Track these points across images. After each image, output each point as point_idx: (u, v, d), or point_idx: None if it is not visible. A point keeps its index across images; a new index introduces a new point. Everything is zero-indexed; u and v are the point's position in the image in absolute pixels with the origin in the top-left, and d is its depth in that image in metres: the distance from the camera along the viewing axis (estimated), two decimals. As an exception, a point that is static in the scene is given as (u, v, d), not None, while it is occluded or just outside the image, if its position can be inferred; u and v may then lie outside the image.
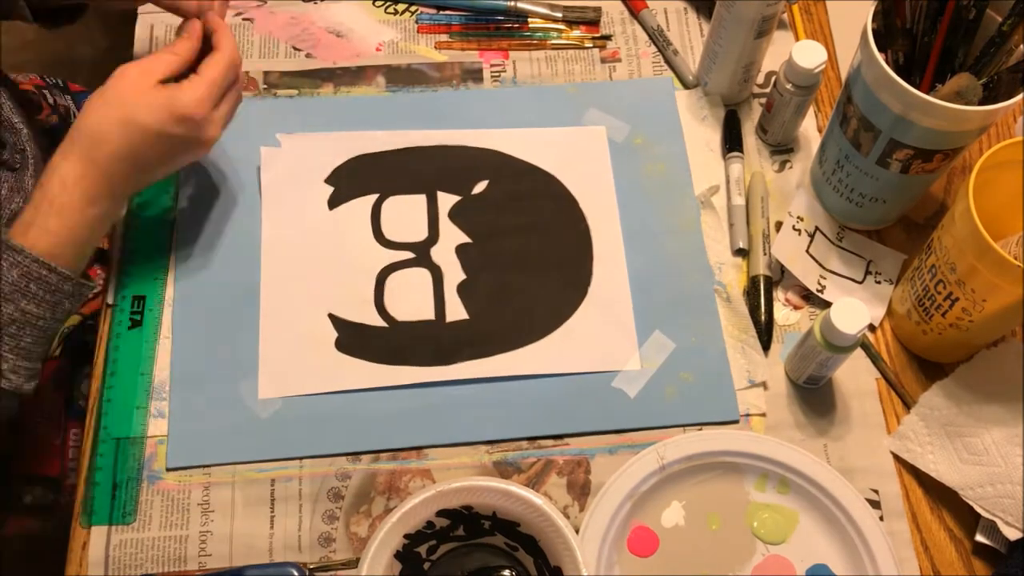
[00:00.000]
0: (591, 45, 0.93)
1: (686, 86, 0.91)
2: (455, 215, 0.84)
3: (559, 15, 0.93)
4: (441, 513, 0.68)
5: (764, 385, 0.78)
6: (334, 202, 0.84)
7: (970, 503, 0.72)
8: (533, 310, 0.80)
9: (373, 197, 0.84)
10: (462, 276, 0.81)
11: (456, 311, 0.80)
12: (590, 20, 0.93)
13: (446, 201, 0.84)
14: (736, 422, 0.76)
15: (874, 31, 0.69)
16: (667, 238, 0.83)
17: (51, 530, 0.84)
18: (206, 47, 0.72)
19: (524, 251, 0.83)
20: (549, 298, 0.81)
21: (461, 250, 0.82)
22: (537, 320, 0.80)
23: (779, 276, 0.82)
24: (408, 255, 0.82)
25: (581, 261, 0.82)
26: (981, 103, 0.69)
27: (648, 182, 0.86)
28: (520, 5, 0.93)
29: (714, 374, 0.78)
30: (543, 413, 0.76)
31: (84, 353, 0.85)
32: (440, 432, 0.75)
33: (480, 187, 0.85)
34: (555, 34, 0.93)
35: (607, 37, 0.93)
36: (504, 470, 0.75)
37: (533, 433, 0.76)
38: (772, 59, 0.88)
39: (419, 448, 0.75)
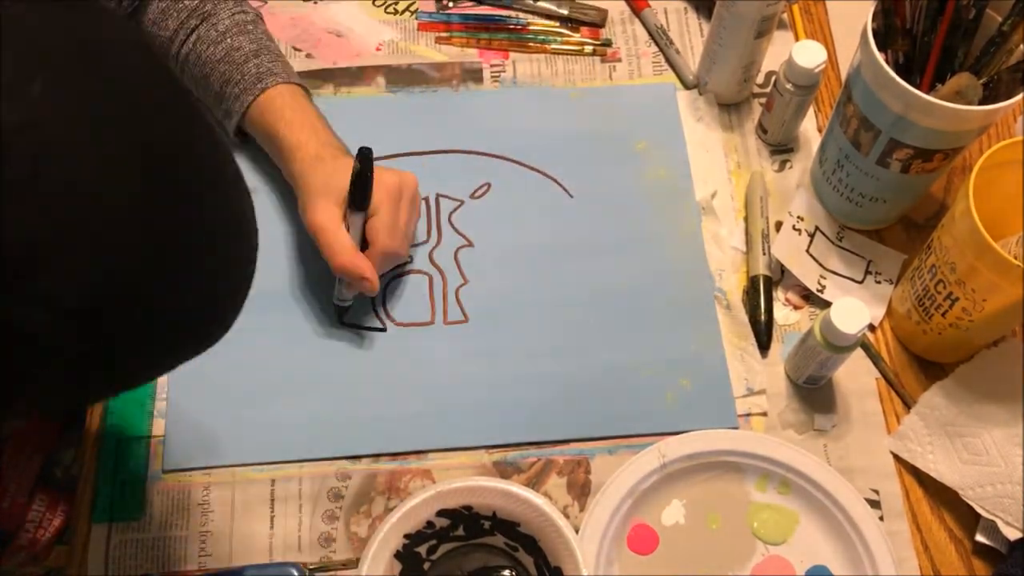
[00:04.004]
0: (592, 51, 0.92)
1: (686, 86, 0.91)
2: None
3: (564, 12, 0.93)
4: (441, 513, 0.68)
5: (762, 393, 0.78)
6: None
7: (970, 503, 0.72)
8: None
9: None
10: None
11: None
12: (594, 22, 0.93)
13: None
14: (735, 430, 0.76)
15: (874, 31, 0.69)
16: (668, 244, 0.83)
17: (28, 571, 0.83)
18: None
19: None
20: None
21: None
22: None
23: (779, 276, 0.82)
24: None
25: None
26: (981, 103, 0.69)
27: (649, 188, 0.86)
28: (525, 2, 0.93)
29: (713, 381, 0.78)
30: (542, 418, 0.76)
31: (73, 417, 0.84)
32: (440, 436, 0.75)
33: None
34: (556, 39, 0.93)
35: (607, 44, 0.93)
36: (504, 470, 0.75)
37: (531, 439, 0.76)
38: (772, 59, 0.88)
39: (419, 451, 0.75)
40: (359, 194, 0.71)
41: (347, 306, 0.77)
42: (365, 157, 0.71)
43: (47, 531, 0.80)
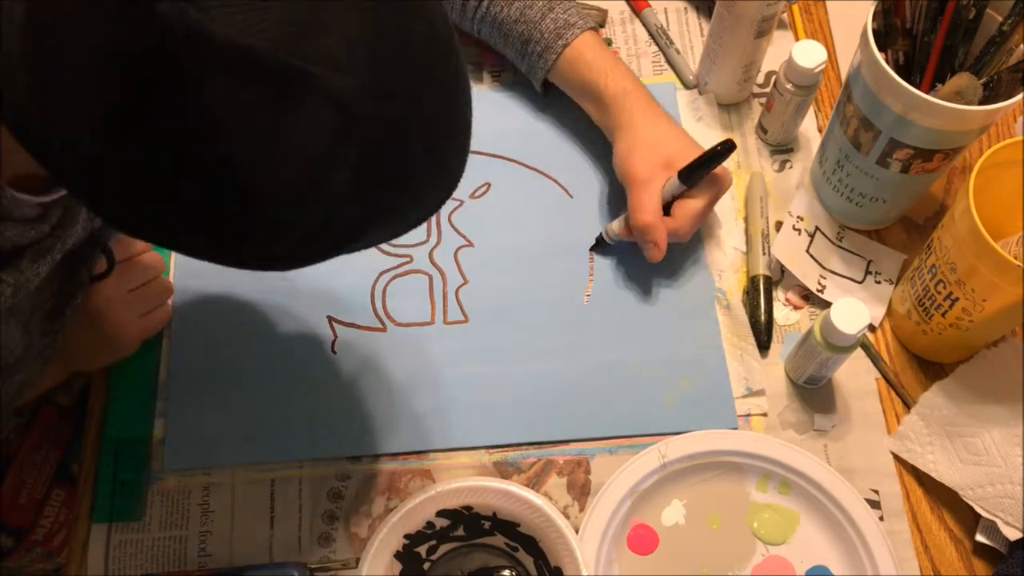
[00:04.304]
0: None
1: (686, 86, 0.91)
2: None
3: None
4: (441, 513, 0.68)
5: (762, 393, 0.78)
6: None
7: (970, 503, 0.72)
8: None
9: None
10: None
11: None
12: (595, 23, 0.93)
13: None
14: (735, 430, 0.76)
15: (874, 31, 0.69)
16: (667, 244, 0.83)
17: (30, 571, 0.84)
18: None
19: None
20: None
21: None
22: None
23: (779, 276, 0.82)
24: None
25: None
26: (981, 103, 0.69)
27: None
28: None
29: (713, 382, 0.78)
30: (542, 418, 0.76)
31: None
32: (440, 436, 0.75)
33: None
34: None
35: (607, 43, 0.92)
36: (504, 470, 0.75)
37: (531, 439, 0.76)
38: (772, 59, 0.88)
39: (419, 451, 0.75)
40: (696, 174, 0.75)
41: (608, 244, 0.82)
42: (728, 149, 0.74)
43: (63, 527, 0.80)
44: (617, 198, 0.85)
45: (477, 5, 0.82)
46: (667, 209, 0.77)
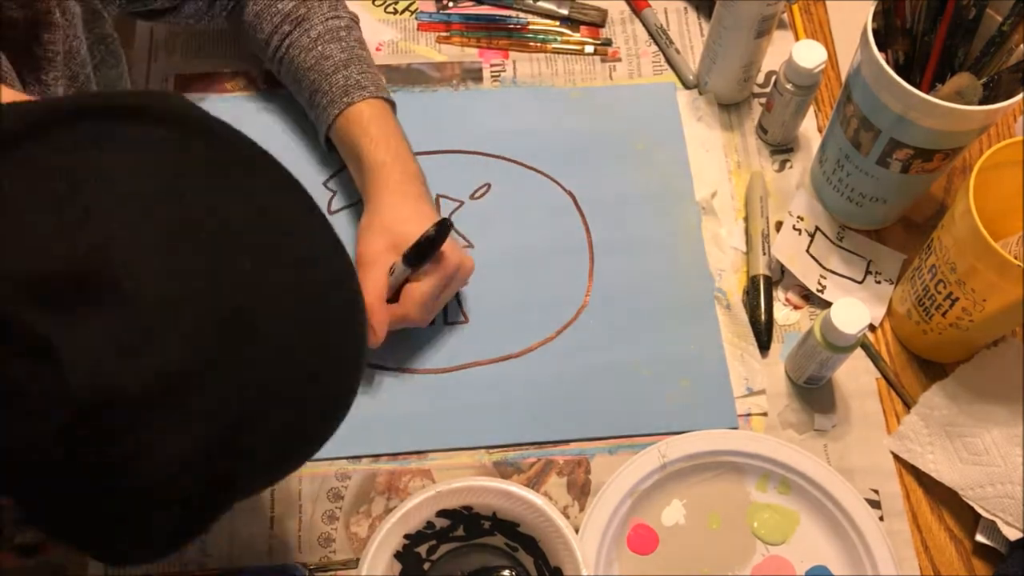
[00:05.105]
0: (592, 51, 0.92)
1: (686, 86, 0.91)
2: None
3: (564, 12, 0.93)
4: (441, 513, 0.68)
5: (762, 393, 0.78)
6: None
7: (970, 503, 0.72)
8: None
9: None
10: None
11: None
12: (594, 22, 0.93)
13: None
14: (735, 430, 0.76)
15: (874, 31, 0.69)
16: (668, 244, 0.83)
17: (30, 570, 0.84)
18: None
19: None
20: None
21: None
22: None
23: (779, 276, 0.82)
24: None
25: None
26: (981, 103, 0.69)
27: (649, 188, 0.86)
28: (525, 1, 0.93)
29: (713, 381, 0.78)
30: (542, 418, 0.76)
31: None
32: (440, 436, 0.75)
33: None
34: (556, 38, 0.93)
35: (607, 43, 0.93)
36: (504, 470, 0.75)
37: (531, 439, 0.76)
38: (772, 59, 0.88)
39: (419, 451, 0.75)
40: (418, 257, 0.70)
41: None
42: (444, 229, 0.69)
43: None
44: (618, 200, 0.85)
45: (278, 46, 0.80)
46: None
